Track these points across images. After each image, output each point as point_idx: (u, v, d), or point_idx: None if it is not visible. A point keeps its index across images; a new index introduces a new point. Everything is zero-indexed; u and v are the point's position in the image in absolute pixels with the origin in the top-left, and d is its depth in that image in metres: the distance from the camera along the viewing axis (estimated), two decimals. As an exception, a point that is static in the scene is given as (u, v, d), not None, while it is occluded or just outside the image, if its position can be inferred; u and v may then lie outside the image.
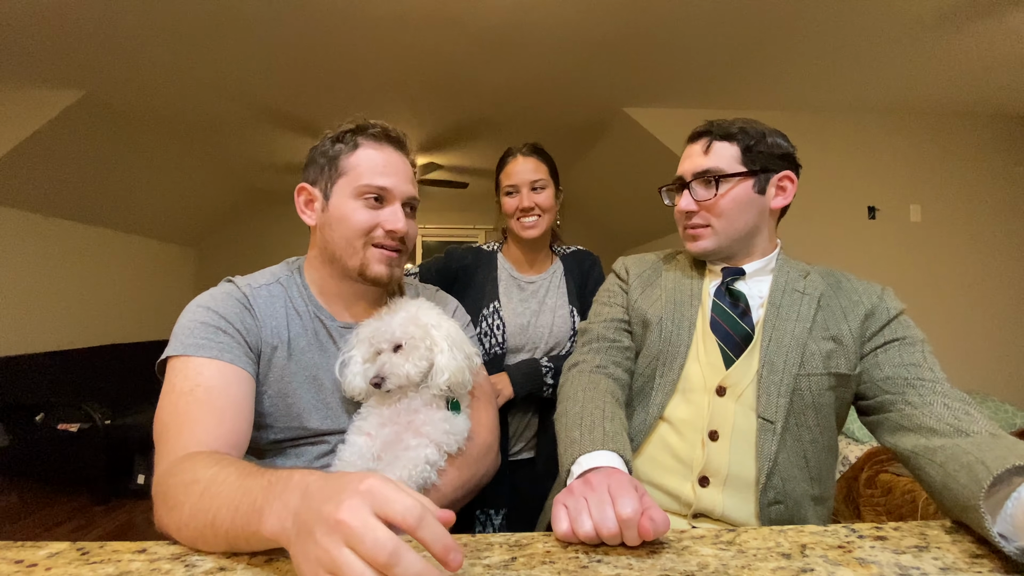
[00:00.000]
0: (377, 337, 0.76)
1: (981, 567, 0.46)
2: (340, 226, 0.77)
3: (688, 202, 0.85)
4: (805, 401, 0.75)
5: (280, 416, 0.74)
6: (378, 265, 0.78)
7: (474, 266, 1.32)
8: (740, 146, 0.83)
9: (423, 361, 0.76)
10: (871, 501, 2.16)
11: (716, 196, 0.82)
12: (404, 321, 0.77)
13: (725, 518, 0.75)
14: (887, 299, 0.80)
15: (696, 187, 0.84)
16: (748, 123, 0.85)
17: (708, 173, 0.83)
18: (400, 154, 0.81)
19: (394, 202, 0.78)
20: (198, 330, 0.68)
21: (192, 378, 0.65)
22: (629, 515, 0.47)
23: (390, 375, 0.74)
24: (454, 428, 0.77)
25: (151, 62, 2.60)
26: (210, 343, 0.68)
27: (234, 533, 0.45)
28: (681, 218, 0.88)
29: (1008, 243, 3.23)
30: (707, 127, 0.86)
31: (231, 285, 0.77)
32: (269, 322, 0.75)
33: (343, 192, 0.77)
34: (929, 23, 2.24)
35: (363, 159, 0.77)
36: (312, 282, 0.82)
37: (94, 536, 2.53)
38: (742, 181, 0.82)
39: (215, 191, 4.80)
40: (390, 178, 0.77)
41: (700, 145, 0.85)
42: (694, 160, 0.85)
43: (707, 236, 0.85)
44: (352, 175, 0.77)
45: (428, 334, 0.78)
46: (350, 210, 0.76)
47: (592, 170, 4.29)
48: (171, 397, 0.64)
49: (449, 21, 2.28)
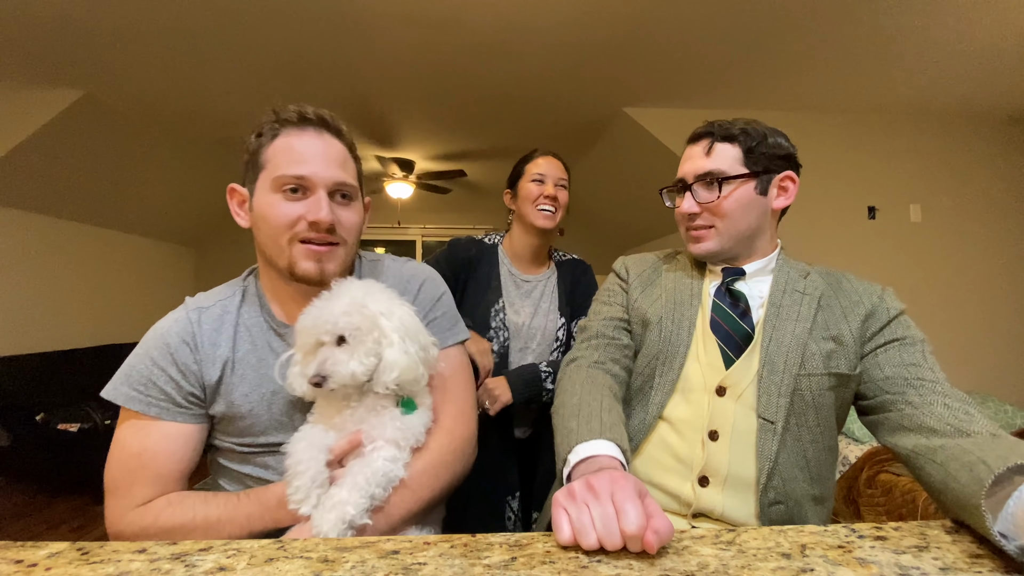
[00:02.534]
0: (317, 328, 0.67)
1: (981, 567, 0.46)
2: (264, 224, 0.71)
3: (690, 204, 0.85)
4: (806, 401, 0.75)
5: (243, 432, 0.73)
6: (305, 262, 0.71)
7: (477, 258, 1.33)
8: (742, 147, 0.82)
9: (370, 357, 0.67)
10: (871, 501, 2.16)
11: (719, 198, 0.82)
12: (348, 308, 0.67)
13: (725, 518, 0.75)
14: (887, 299, 0.80)
15: (698, 189, 0.84)
16: (749, 124, 0.84)
17: (710, 175, 0.82)
18: (323, 136, 0.73)
19: (316, 191, 0.70)
20: (146, 384, 0.70)
21: (140, 440, 0.69)
22: (634, 532, 0.46)
23: (332, 373, 0.65)
24: (408, 428, 0.71)
25: (151, 62, 2.60)
26: (154, 401, 0.70)
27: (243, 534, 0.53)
28: (683, 220, 0.88)
29: (1008, 243, 3.23)
30: (708, 128, 0.85)
31: (183, 313, 0.74)
32: (212, 351, 0.72)
33: (263, 187, 0.71)
34: (929, 23, 2.24)
35: (280, 149, 0.71)
36: (266, 288, 0.78)
37: (94, 536, 2.53)
38: (744, 183, 0.82)
39: (215, 191, 4.79)
40: (307, 165, 0.70)
41: (701, 147, 0.85)
42: (695, 162, 0.85)
43: (710, 238, 0.85)
44: (269, 167, 0.71)
45: (376, 325, 0.68)
46: (269, 205, 0.70)
47: (592, 170, 4.29)
48: (122, 453, 0.69)
49: (449, 21, 2.28)
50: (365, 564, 0.47)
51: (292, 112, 0.73)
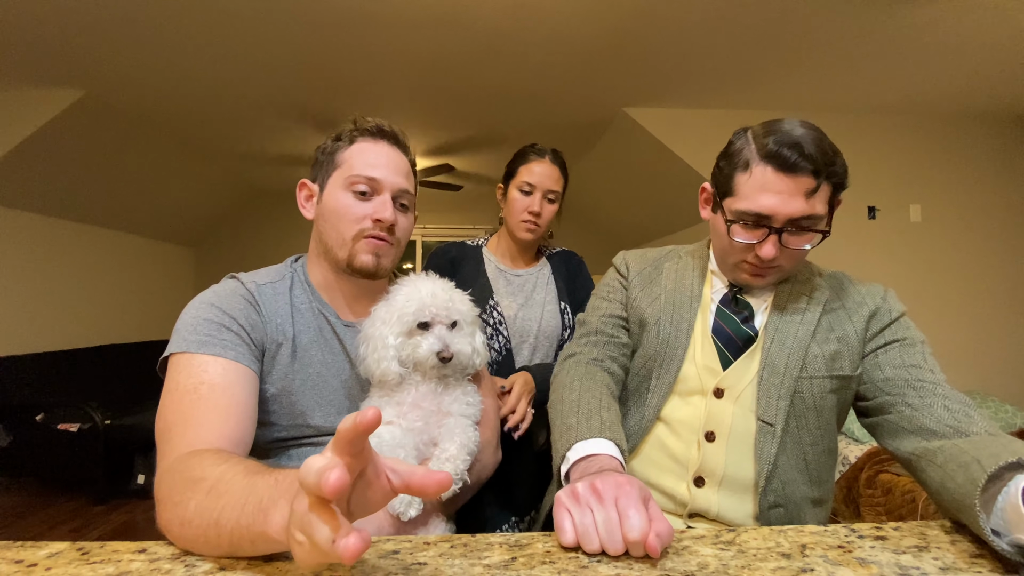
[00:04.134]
0: (436, 310, 0.72)
1: (981, 567, 0.46)
2: (331, 216, 0.78)
3: (776, 250, 0.72)
4: (806, 404, 0.75)
5: (283, 414, 0.74)
6: (365, 255, 0.77)
7: (460, 258, 1.32)
8: (835, 189, 0.71)
9: (469, 344, 0.75)
10: (871, 501, 2.16)
11: (812, 247, 0.72)
12: (459, 296, 0.76)
13: (721, 518, 0.75)
14: (890, 300, 0.80)
15: (786, 234, 0.71)
16: (834, 150, 0.71)
17: (809, 220, 0.70)
18: (394, 149, 0.82)
19: (383, 193, 0.78)
20: (202, 327, 0.67)
21: (196, 375, 0.64)
22: (637, 539, 0.45)
23: (459, 351, 0.72)
24: (476, 405, 0.77)
25: (151, 62, 2.60)
26: (214, 340, 0.67)
27: (238, 533, 0.44)
28: (746, 253, 0.76)
29: (1008, 243, 3.23)
30: (811, 162, 0.68)
31: (235, 282, 0.76)
32: (274, 319, 0.75)
33: (335, 184, 0.79)
34: (929, 22, 2.24)
35: (356, 153, 0.79)
36: (314, 278, 0.82)
37: (94, 536, 2.53)
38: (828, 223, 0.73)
39: (215, 191, 4.80)
40: (379, 170, 0.78)
41: (801, 185, 0.69)
42: (793, 203, 0.69)
43: (774, 275, 0.78)
44: (344, 167, 0.78)
45: (473, 315, 0.78)
46: (340, 200, 0.78)
47: (592, 170, 4.29)
48: (174, 395, 0.63)
49: (449, 21, 2.28)
50: (365, 564, 0.47)
51: (371, 124, 0.81)
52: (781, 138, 0.69)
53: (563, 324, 1.28)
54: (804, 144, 0.68)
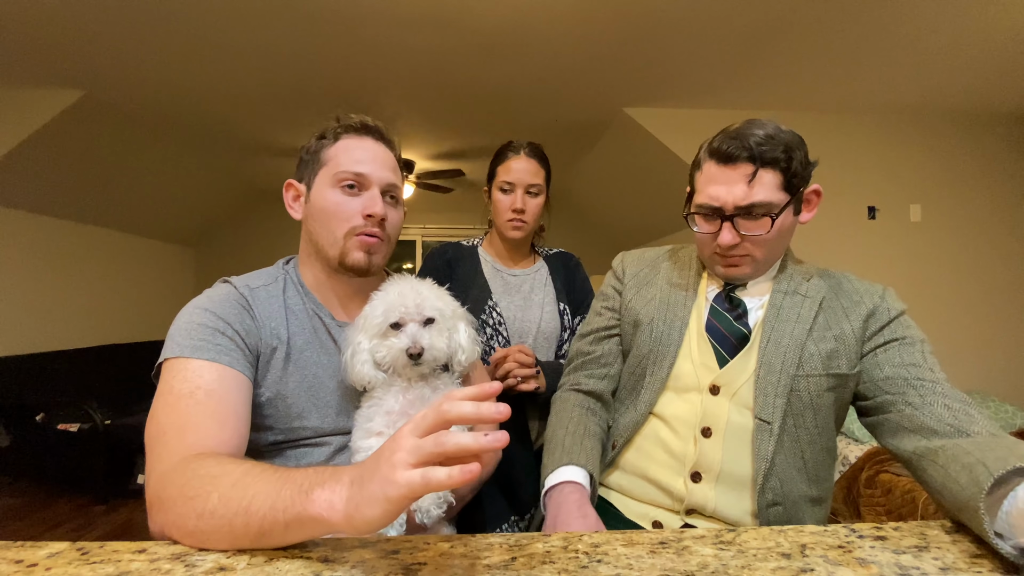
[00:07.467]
0: (406, 308, 0.72)
1: (981, 567, 0.46)
2: (321, 215, 0.78)
3: (732, 237, 0.77)
4: (803, 402, 0.75)
5: (279, 418, 0.74)
6: (356, 252, 0.77)
7: (456, 258, 1.31)
8: (783, 173, 0.75)
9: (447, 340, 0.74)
10: (871, 501, 2.16)
11: (768, 233, 0.75)
12: (436, 294, 0.75)
13: (718, 515, 0.75)
14: (888, 299, 0.80)
15: (740, 220, 0.76)
16: (780, 138, 0.75)
17: (755, 208, 0.75)
18: (380, 144, 0.81)
19: (371, 188, 0.78)
20: (196, 331, 0.67)
21: (191, 380, 0.63)
22: None
23: (430, 347, 0.71)
24: None
25: (151, 62, 2.60)
26: (208, 345, 0.66)
27: (272, 517, 0.46)
28: (713, 245, 0.81)
29: (1008, 243, 3.23)
30: (747, 150, 0.74)
31: (228, 286, 0.75)
32: (268, 323, 0.74)
33: (323, 182, 0.78)
34: (928, 22, 2.24)
35: (342, 149, 0.79)
36: (307, 279, 0.82)
37: (94, 536, 2.53)
38: (787, 211, 0.76)
39: (215, 191, 4.80)
40: (366, 165, 0.78)
41: (740, 173, 0.75)
42: (735, 190, 0.75)
43: (747, 265, 0.81)
44: (331, 164, 0.78)
45: (454, 311, 0.77)
46: (328, 198, 0.77)
47: (592, 170, 4.28)
48: (168, 399, 0.62)
49: (449, 21, 2.28)
50: (365, 564, 0.47)
51: (355, 120, 0.81)
52: (725, 135, 0.77)
53: (562, 325, 1.28)
54: (743, 137, 0.74)
